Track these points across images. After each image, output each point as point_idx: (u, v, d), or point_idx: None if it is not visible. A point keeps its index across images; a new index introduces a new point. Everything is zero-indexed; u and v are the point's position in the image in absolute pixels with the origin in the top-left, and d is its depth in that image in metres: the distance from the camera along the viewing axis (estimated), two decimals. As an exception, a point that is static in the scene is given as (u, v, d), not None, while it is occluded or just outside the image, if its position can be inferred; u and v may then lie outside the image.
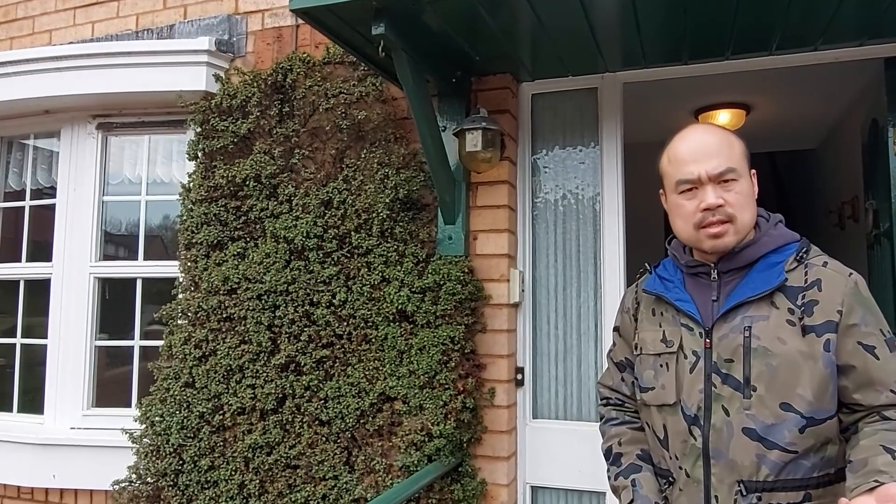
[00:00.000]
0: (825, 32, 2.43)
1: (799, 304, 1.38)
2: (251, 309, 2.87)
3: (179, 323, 3.04)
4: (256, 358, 2.85)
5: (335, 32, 2.33)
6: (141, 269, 3.37)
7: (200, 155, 3.10)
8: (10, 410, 3.51)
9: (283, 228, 2.86)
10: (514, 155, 2.87)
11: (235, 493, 2.80)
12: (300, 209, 2.88)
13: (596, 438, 2.56)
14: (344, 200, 2.84)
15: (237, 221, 3.00)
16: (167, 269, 3.28)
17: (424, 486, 2.46)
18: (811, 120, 4.55)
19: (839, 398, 1.37)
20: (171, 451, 2.89)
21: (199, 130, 3.10)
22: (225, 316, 2.93)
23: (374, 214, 2.78)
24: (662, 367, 1.50)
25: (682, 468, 1.45)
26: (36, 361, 3.48)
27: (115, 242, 3.51)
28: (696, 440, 1.42)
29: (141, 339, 3.34)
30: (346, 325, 2.77)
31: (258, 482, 2.78)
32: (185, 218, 3.08)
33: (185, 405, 2.91)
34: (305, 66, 2.99)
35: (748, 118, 4.31)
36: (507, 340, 2.73)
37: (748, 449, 1.36)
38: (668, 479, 1.51)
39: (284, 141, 2.98)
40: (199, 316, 2.98)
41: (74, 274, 3.36)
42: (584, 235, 2.84)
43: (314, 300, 2.81)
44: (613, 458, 1.62)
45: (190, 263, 3.05)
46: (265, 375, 2.83)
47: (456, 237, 2.75)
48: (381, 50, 2.19)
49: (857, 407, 1.37)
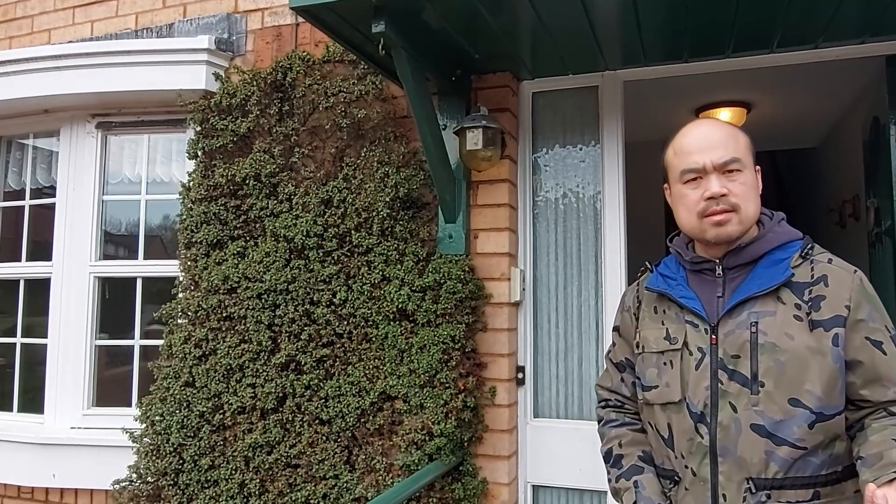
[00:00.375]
0: (826, 30, 2.42)
1: (806, 299, 1.37)
2: (251, 308, 2.86)
3: (179, 322, 3.03)
4: (256, 357, 2.85)
5: (335, 30, 2.33)
6: (141, 268, 3.37)
7: (200, 154, 3.09)
8: (10, 410, 3.51)
9: (283, 227, 2.86)
10: (514, 153, 2.87)
11: (236, 492, 2.80)
12: (300, 208, 2.88)
13: (596, 437, 2.56)
14: (344, 199, 2.83)
15: (237, 220, 2.99)
16: (167, 268, 3.28)
17: (425, 485, 2.46)
18: (812, 118, 4.54)
19: (847, 394, 1.37)
20: (171, 450, 2.89)
21: (198, 129, 3.10)
22: (225, 315, 2.93)
23: (374, 213, 2.77)
24: (666, 364, 1.49)
25: (687, 467, 1.43)
26: (36, 361, 3.47)
27: (114, 242, 3.50)
28: (702, 438, 1.41)
29: (141, 338, 3.34)
30: (346, 323, 2.77)
31: (258, 481, 2.78)
32: (184, 217, 3.07)
33: (185, 404, 2.91)
34: (305, 64, 2.98)
35: (749, 116, 4.30)
36: (507, 339, 2.72)
37: (757, 446, 1.35)
38: (672, 478, 1.49)
39: (284, 140, 2.97)
40: (199, 315, 2.97)
41: (74, 273, 3.35)
42: (584, 234, 2.84)
43: (314, 299, 2.80)
44: (614, 460, 1.60)
45: (190, 262, 3.05)
46: (265, 374, 2.82)
47: (456, 236, 2.74)
48: (381, 48, 2.19)
49: (863, 403, 1.37)
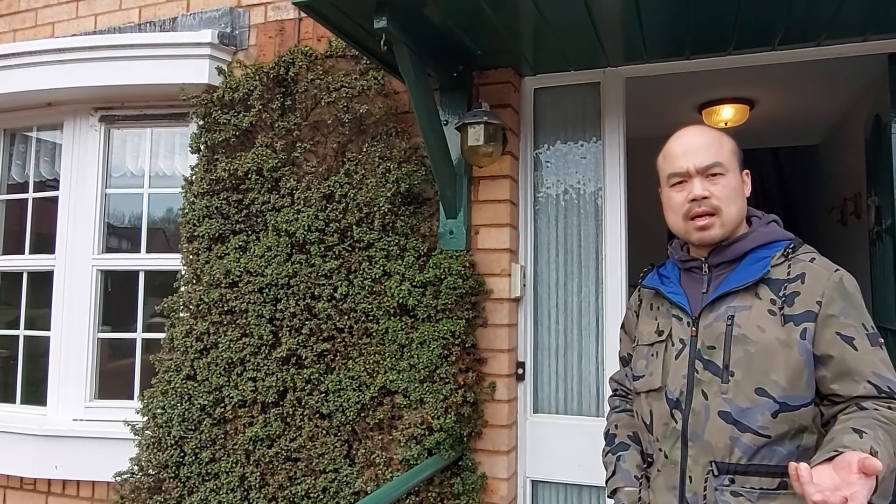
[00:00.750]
0: (829, 28, 2.42)
1: (781, 295, 1.44)
2: (252, 302, 2.87)
3: (181, 316, 3.05)
4: (257, 351, 2.86)
5: (337, 26, 2.33)
6: (143, 261, 3.38)
7: (203, 148, 3.10)
8: (13, 402, 3.54)
9: (284, 222, 2.87)
10: (515, 149, 2.87)
11: (236, 485, 2.81)
12: (302, 203, 2.89)
13: (596, 433, 2.57)
14: (345, 194, 2.84)
15: (239, 215, 3.00)
16: (169, 261, 3.29)
17: (424, 479, 2.47)
18: (815, 115, 4.53)
19: (819, 389, 1.41)
20: (172, 443, 2.91)
21: (201, 123, 3.10)
22: (226, 309, 2.94)
23: (375, 208, 2.78)
24: (653, 355, 1.58)
25: (661, 450, 1.53)
26: (39, 353, 3.49)
27: (117, 235, 3.51)
28: (676, 423, 1.49)
29: (143, 331, 3.35)
30: (347, 318, 2.78)
31: (259, 475, 2.80)
32: (186, 211, 3.08)
33: (186, 398, 2.93)
34: (308, 59, 2.98)
35: (752, 113, 4.29)
36: (507, 335, 2.73)
37: (723, 431, 1.41)
38: (650, 461, 1.59)
39: (286, 134, 2.98)
40: (200, 309, 2.99)
41: (77, 266, 3.37)
42: (585, 230, 2.84)
43: (315, 294, 2.81)
44: (608, 438, 1.75)
45: (192, 256, 3.06)
46: (266, 368, 2.84)
47: (457, 231, 2.75)
48: (382, 44, 2.19)
49: (835, 398, 1.40)
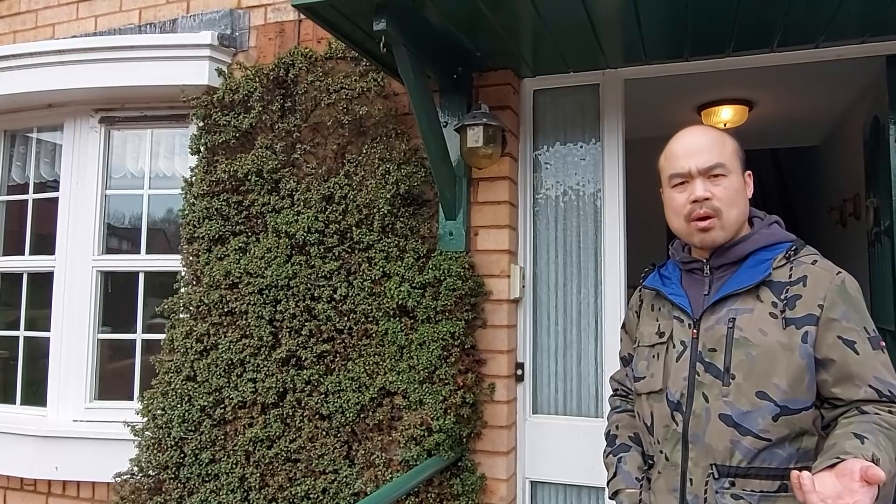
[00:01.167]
0: (827, 29, 2.42)
1: (782, 297, 1.42)
2: (252, 303, 2.88)
3: (181, 317, 3.05)
4: (257, 352, 2.86)
5: (337, 28, 2.34)
6: (143, 262, 3.39)
7: (203, 149, 3.10)
8: (13, 403, 3.54)
9: (284, 223, 2.87)
10: (515, 151, 2.87)
11: (236, 486, 2.82)
12: (301, 204, 2.89)
13: (595, 434, 2.57)
14: (345, 196, 2.84)
15: (239, 216, 3.01)
16: (169, 263, 3.29)
17: (424, 480, 2.48)
18: (814, 117, 4.54)
19: (821, 393, 1.41)
20: (172, 444, 2.91)
21: (201, 125, 3.11)
22: (226, 310, 2.94)
23: (375, 210, 2.78)
24: (654, 357, 1.57)
25: (662, 452, 1.52)
26: (39, 354, 3.50)
27: (117, 236, 3.52)
28: (677, 425, 1.48)
29: (143, 332, 3.35)
30: (346, 319, 2.78)
31: (259, 475, 2.80)
32: (186, 212, 3.08)
33: (186, 398, 2.93)
34: (307, 61, 2.99)
35: (751, 114, 4.30)
36: (507, 336, 2.74)
37: (723, 434, 1.41)
38: (650, 462, 1.59)
39: (286, 136, 2.99)
40: (200, 310, 2.99)
41: (77, 267, 3.37)
42: (584, 232, 2.85)
43: (315, 295, 2.82)
44: (609, 439, 1.74)
45: (192, 258, 3.07)
46: (266, 369, 2.84)
47: (457, 233, 2.75)
48: (382, 45, 2.19)
49: (836, 402, 1.40)
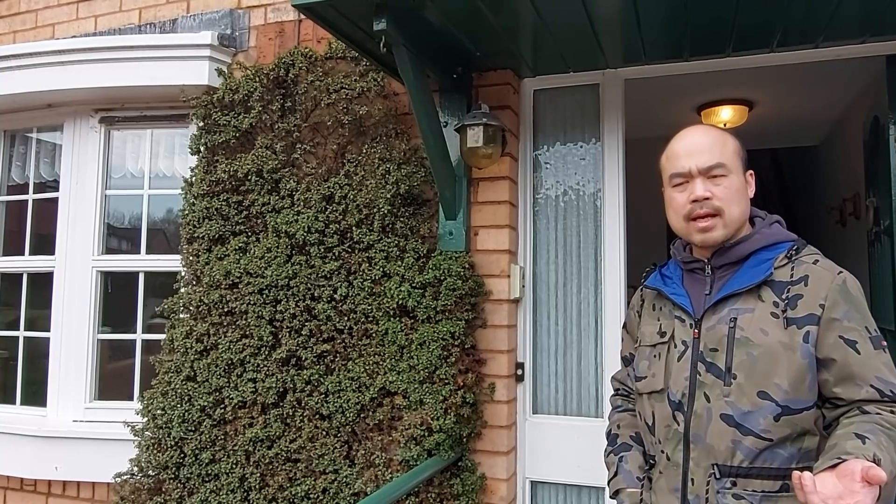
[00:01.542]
0: (827, 29, 2.43)
1: (784, 297, 1.42)
2: (252, 303, 2.88)
3: (181, 317, 3.05)
4: (257, 352, 2.86)
5: (337, 28, 2.34)
6: (143, 262, 3.39)
7: (202, 149, 3.10)
8: (13, 403, 3.54)
9: (284, 223, 2.87)
10: (515, 151, 2.87)
11: (236, 486, 2.82)
12: (301, 204, 2.89)
13: (595, 434, 2.57)
14: (345, 195, 2.84)
15: (239, 216, 3.01)
16: (169, 263, 3.29)
17: (424, 480, 2.48)
18: (814, 117, 4.54)
19: (822, 393, 1.41)
20: (172, 444, 2.91)
21: (201, 125, 3.11)
22: (226, 310, 2.94)
23: (375, 210, 2.78)
24: (656, 357, 1.57)
25: (663, 451, 1.52)
26: (39, 354, 3.49)
27: (117, 236, 3.52)
28: (678, 425, 1.48)
29: (143, 332, 3.35)
30: (346, 319, 2.78)
31: (259, 475, 2.80)
32: (186, 212, 3.08)
33: (186, 399, 2.93)
34: (307, 61, 2.99)
35: (751, 114, 4.30)
36: (507, 336, 2.74)
37: (725, 434, 1.41)
38: (651, 462, 1.59)
39: (286, 136, 2.99)
40: (200, 310, 2.99)
41: (77, 267, 3.37)
42: (584, 232, 2.85)
43: (315, 295, 2.82)
44: (611, 438, 1.74)
45: (192, 258, 3.06)
46: (266, 369, 2.84)
47: (457, 233, 2.75)
48: (382, 45, 2.19)
49: (838, 401, 1.40)
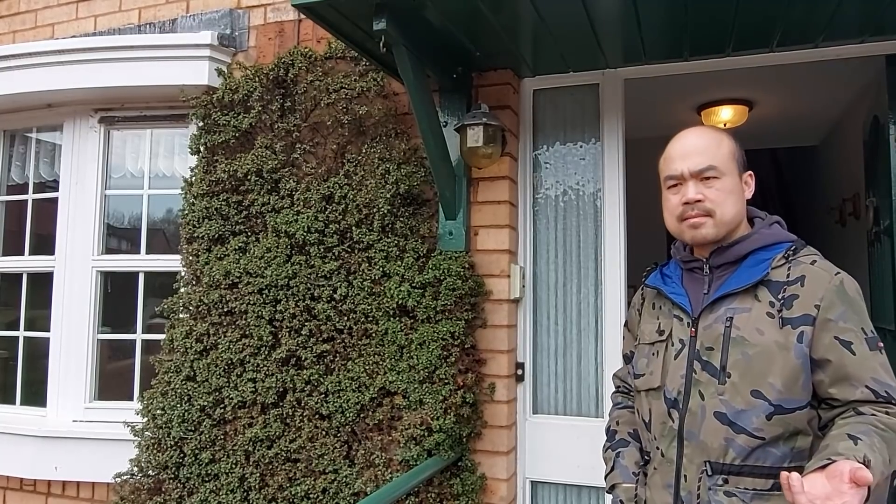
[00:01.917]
0: (826, 29, 2.43)
1: (780, 297, 1.44)
2: (252, 303, 2.88)
3: (181, 317, 3.05)
4: (257, 352, 2.86)
5: (336, 28, 2.34)
6: (143, 262, 3.39)
7: (202, 149, 3.10)
8: (13, 403, 3.54)
9: (284, 223, 2.87)
10: (515, 150, 2.87)
11: (236, 486, 2.82)
12: (301, 204, 2.89)
13: (595, 433, 2.57)
14: (345, 195, 2.84)
15: (238, 216, 3.01)
16: (169, 263, 3.29)
17: (424, 480, 2.48)
18: (813, 116, 4.54)
19: (818, 393, 1.42)
20: (172, 444, 2.91)
21: (201, 125, 3.11)
22: (226, 310, 2.94)
23: (374, 209, 2.78)
24: (654, 355, 1.60)
25: (658, 448, 1.54)
26: (39, 354, 3.49)
27: (117, 236, 3.52)
28: (673, 422, 1.51)
29: (143, 332, 3.35)
30: (346, 319, 2.78)
31: (259, 475, 2.80)
32: (186, 212, 3.08)
33: (186, 398, 2.93)
34: (307, 60, 2.99)
35: (751, 114, 4.30)
36: (507, 336, 2.74)
37: (718, 432, 1.42)
38: (647, 458, 1.61)
39: (286, 136, 2.99)
40: (200, 310, 2.99)
41: (77, 267, 3.37)
42: (584, 231, 2.85)
43: (315, 295, 2.82)
44: (609, 434, 1.77)
45: (192, 257, 3.06)
46: (266, 369, 2.84)
47: (457, 232, 2.75)
48: (382, 45, 2.19)
49: (833, 402, 1.41)
